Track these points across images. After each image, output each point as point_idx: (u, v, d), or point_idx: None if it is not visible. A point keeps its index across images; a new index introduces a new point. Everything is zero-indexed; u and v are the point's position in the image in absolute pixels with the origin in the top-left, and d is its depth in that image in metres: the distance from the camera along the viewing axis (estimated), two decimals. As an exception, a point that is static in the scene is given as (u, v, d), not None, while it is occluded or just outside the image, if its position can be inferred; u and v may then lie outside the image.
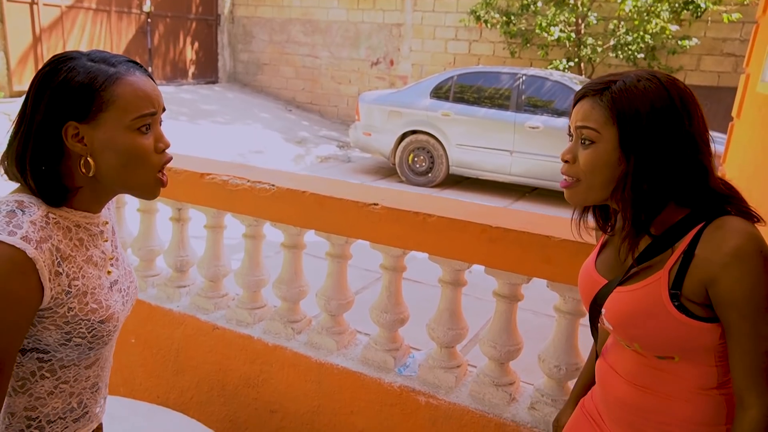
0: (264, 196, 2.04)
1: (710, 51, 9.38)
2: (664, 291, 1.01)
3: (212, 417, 2.38)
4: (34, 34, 9.67)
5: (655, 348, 1.06)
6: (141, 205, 2.44)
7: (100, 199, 1.08)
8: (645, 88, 1.01)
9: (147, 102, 1.02)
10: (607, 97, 1.02)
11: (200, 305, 2.36)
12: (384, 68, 12.01)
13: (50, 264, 0.97)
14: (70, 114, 0.97)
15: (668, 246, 1.03)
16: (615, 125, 1.02)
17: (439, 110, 7.97)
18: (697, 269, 0.98)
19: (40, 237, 0.95)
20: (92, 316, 1.04)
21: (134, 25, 11.53)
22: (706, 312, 1.00)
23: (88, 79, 0.97)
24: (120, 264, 1.18)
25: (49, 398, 1.08)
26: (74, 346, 1.04)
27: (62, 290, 0.99)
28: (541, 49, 9.70)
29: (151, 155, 1.04)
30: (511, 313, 1.85)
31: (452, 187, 8.22)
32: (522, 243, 1.66)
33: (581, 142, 1.06)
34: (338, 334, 2.13)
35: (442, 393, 1.90)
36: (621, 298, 1.08)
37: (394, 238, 1.87)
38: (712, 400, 1.05)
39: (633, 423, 1.13)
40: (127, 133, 1.00)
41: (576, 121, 1.07)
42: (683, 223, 1.02)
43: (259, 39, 13.21)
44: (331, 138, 11.08)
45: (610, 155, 1.03)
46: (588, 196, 1.08)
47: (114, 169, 1.02)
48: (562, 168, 1.10)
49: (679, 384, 1.07)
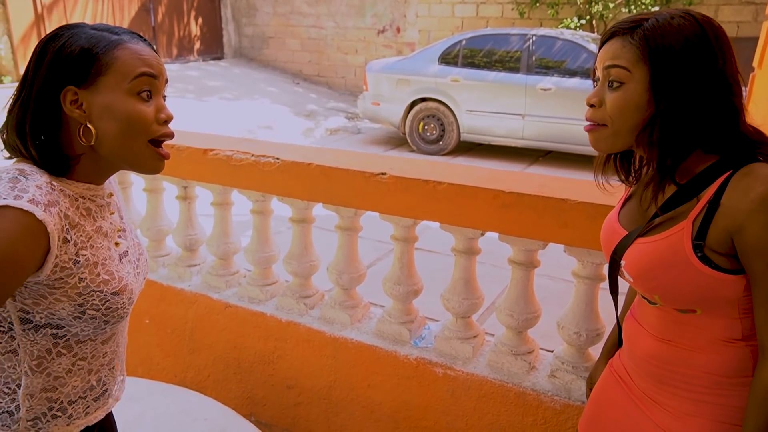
0: (269, 170, 1.98)
1: (728, 0, 9.04)
2: (687, 241, 0.96)
3: (230, 394, 2.38)
4: (37, 15, 9.60)
5: (675, 301, 1.02)
6: (147, 185, 2.40)
7: (101, 171, 1.05)
8: (679, 24, 0.94)
9: (146, 64, 0.99)
10: (639, 35, 0.96)
11: (212, 284, 2.34)
12: (391, 36, 11.77)
13: (59, 229, 0.93)
14: (69, 78, 0.95)
15: (693, 195, 0.98)
16: (646, 64, 0.95)
17: (448, 76, 7.81)
18: (723, 218, 0.93)
19: (47, 201, 0.92)
20: (105, 287, 1.01)
21: (136, 3, 11.40)
22: (730, 263, 0.96)
23: (89, 44, 0.96)
24: (128, 235, 1.15)
25: (68, 377, 1.06)
26: (89, 320, 1.01)
27: (69, 259, 0.96)
28: (551, 8, 9.42)
29: (151, 124, 1.00)
30: (527, 280, 1.79)
31: (464, 154, 8.10)
32: (537, 207, 1.59)
33: (609, 84, 1.00)
34: (352, 308, 2.09)
35: (460, 364, 1.87)
36: (642, 249, 1.03)
37: (403, 207, 1.81)
38: (738, 352, 1.02)
39: (659, 376, 1.10)
40: (126, 98, 0.97)
41: (605, 61, 1.00)
42: (710, 171, 0.97)
43: (262, 12, 13.00)
44: (339, 110, 10.96)
45: (641, 96, 0.97)
46: (616, 141, 1.03)
47: (113, 137, 0.98)
48: (587, 113, 1.04)
49: (704, 336, 1.03)
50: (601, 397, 1.29)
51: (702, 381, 1.05)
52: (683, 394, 1.07)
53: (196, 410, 2.00)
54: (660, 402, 1.11)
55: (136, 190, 2.54)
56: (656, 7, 8.79)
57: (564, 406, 1.71)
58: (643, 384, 1.15)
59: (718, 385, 1.04)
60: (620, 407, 1.21)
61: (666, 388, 1.10)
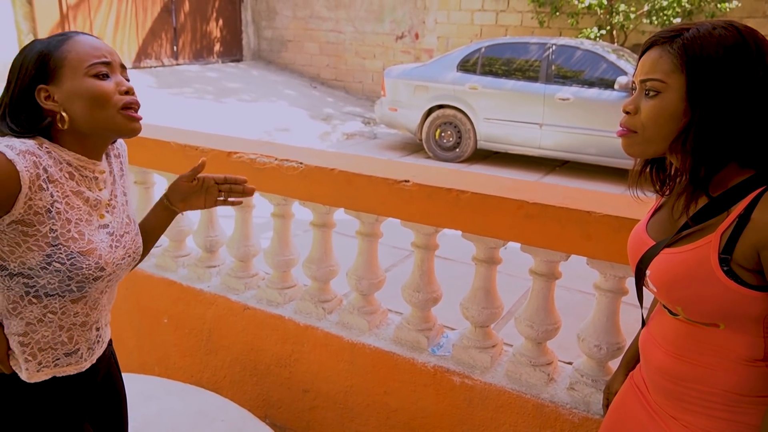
0: (292, 174, 1.99)
1: (752, 13, 8.96)
2: (714, 254, 0.96)
3: (245, 396, 2.39)
4: (62, 14, 9.76)
5: (699, 314, 1.01)
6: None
7: (88, 144, 1.20)
8: (720, 35, 0.94)
9: (97, 52, 1.16)
10: (678, 44, 0.96)
11: (231, 285, 2.36)
12: (409, 42, 11.80)
13: (33, 174, 1.07)
14: (37, 79, 1.14)
15: (724, 209, 0.97)
16: (684, 73, 0.95)
17: (466, 83, 7.81)
18: (752, 232, 0.93)
19: (25, 149, 1.08)
20: (73, 244, 1.15)
21: (159, 4, 11.53)
22: (757, 279, 0.95)
23: (43, 46, 1.15)
24: (116, 212, 1.28)
25: (39, 325, 1.19)
26: (54, 272, 1.14)
27: (44, 206, 1.10)
28: (571, 17, 9.40)
29: (113, 95, 1.15)
30: (548, 291, 1.79)
31: (480, 162, 8.09)
32: (561, 219, 1.59)
33: (645, 93, 1.00)
34: (370, 313, 2.10)
35: (477, 373, 1.86)
36: (668, 259, 1.03)
37: (426, 215, 1.81)
38: (757, 372, 1.01)
39: (674, 392, 1.10)
40: (85, 80, 1.14)
41: (641, 75, 1.01)
42: (743, 186, 0.96)
43: (282, 15, 13.10)
44: (356, 114, 10.99)
45: (676, 106, 0.97)
46: (647, 147, 1.03)
47: (85, 114, 1.14)
48: (622, 119, 1.04)
49: (722, 354, 1.03)
50: (620, 409, 1.28)
51: (719, 399, 1.04)
52: (699, 411, 1.07)
53: (213, 411, 2.02)
54: (676, 417, 1.11)
55: (159, 191, 2.57)
56: (678, 19, 8.73)
57: (583, 420, 1.70)
58: (658, 398, 1.14)
59: (735, 403, 1.03)
60: (638, 420, 1.20)
61: (680, 404, 1.09)
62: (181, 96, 10.07)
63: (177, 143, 2.22)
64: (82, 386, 1.31)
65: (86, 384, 1.32)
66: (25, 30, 9.24)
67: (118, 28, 10.81)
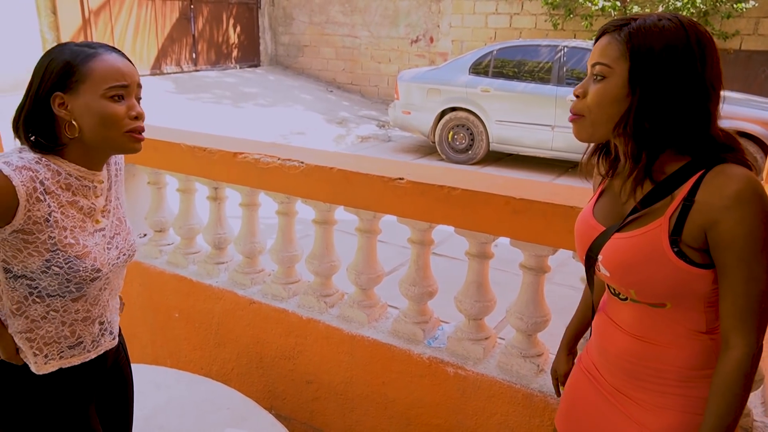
0: (294, 173, 2.09)
1: None
2: (665, 237, 1.02)
3: (252, 387, 2.48)
4: (84, 20, 10.02)
5: (650, 295, 1.08)
6: (180, 185, 2.54)
7: (92, 156, 1.28)
8: (663, 26, 1.01)
9: (119, 75, 1.22)
10: (625, 32, 1.03)
11: (238, 281, 2.45)
12: (424, 46, 11.88)
13: (30, 188, 1.16)
14: (56, 86, 1.20)
15: (668, 193, 1.04)
16: (628, 60, 1.02)
17: (479, 86, 7.86)
18: (698, 214, 1.00)
19: (22, 165, 1.17)
20: (69, 249, 1.24)
21: (178, 11, 11.78)
22: (702, 258, 1.02)
23: (71, 57, 1.21)
24: (110, 216, 1.36)
25: (43, 322, 1.29)
26: (53, 275, 1.23)
27: (42, 216, 1.19)
28: (585, 19, 9.40)
29: (122, 119, 1.23)
30: (537, 284, 1.85)
31: (493, 164, 8.13)
32: (546, 214, 1.66)
33: (594, 78, 1.07)
34: (369, 307, 2.18)
35: (471, 364, 1.93)
36: (619, 244, 1.09)
37: (419, 211, 1.89)
38: (703, 345, 1.08)
39: (632, 372, 1.16)
40: (101, 101, 1.21)
41: (591, 60, 1.08)
42: (683, 171, 1.03)
43: (299, 21, 13.27)
44: (371, 118, 11.10)
45: (619, 90, 1.03)
46: (594, 131, 1.09)
47: (92, 130, 1.22)
48: (571, 105, 1.11)
49: (672, 330, 1.09)
50: (573, 394, 1.34)
51: (671, 375, 1.10)
52: (654, 388, 1.13)
53: (219, 400, 2.11)
54: (631, 396, 1.16)
55: (170, 191, 2.68)
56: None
57: (570, 408, 1.76)
58: (614, 380, 1.20)
59: (686, 378, 1.09)
60: (592, 403, 1.26)
61: (637, 383, 1.15)
62: (198, 101, 10.27)
63: (187, 145, 2.33)
64: (89, 373, 1.40)
65: (95, 370, 1.42)
66: (50, 39, 9.50)
67: (138, 35, 11.07)
